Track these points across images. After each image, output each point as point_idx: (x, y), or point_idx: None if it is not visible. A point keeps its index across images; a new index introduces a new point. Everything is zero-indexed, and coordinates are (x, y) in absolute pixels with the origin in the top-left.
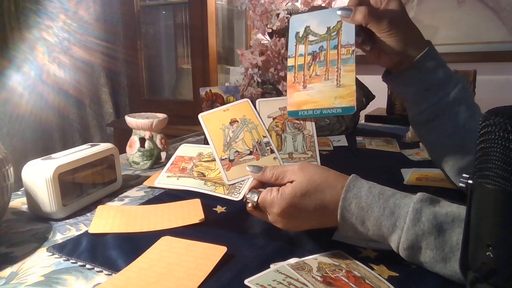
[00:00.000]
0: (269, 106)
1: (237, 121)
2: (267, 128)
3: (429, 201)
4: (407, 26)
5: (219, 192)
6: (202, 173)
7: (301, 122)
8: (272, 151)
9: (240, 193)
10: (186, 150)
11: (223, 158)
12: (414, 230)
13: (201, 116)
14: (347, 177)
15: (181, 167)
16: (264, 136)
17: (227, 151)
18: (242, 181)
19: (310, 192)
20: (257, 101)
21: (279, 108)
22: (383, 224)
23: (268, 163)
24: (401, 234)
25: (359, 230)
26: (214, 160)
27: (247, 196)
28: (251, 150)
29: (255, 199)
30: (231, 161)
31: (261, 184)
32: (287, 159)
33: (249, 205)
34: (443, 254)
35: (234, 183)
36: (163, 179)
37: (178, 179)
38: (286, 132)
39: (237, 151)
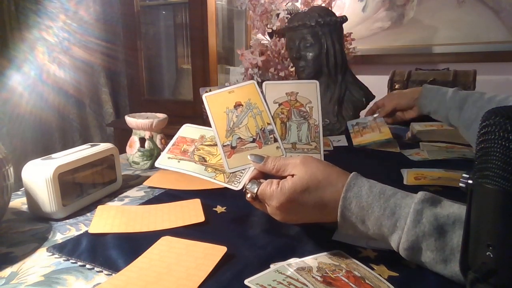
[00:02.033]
0: (276, 90)
1: (242, 105)
2: (272, 114)
3: (431, 201)
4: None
5: (219, 180)
6: (203, 157)
7: (308, 110)
8: (275, 140)
9: (240, 182)
10: (188, 131)
11: (225, 144)
12: (414, 231)
13: (205, 97)
14: (349, 175)
15: (182, 149)
16: (268, 123)
17: (230, 137)
18: (243, 169)
19: (310, 189)
20: (263, 84)
21: (286, 93)
22: (384, 224)
23: (270, 152)
24: (402, 235)
25: (359, 229)
26: (216, 144)
27: (246, 186)
28: (254, 137)
29: (255, 191)
30: (233, 148)
31: (262, 174)
32: (290, 149)
33: (248, 195)
34: (443, 255)
35: (235, 172)
36: (164, 160)
37: (179, 161)
38: (291, 120)
39: (240, 137)
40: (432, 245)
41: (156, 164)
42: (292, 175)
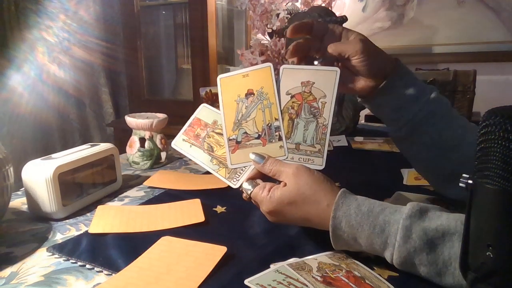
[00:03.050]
0: (292, 78)
1: (253, 94)
2: (281, 108)
3: (419, 215)
4: (375, 50)
5: (221, 174)
6: (211, 146)
7: (320, 106)
8: (280, 138)
9: (238, 180)
10: (204, 112)
11: (231, 138)
12: (405, 247)
13: (219, 79)
14: (337, 193)
15: (196, 133)
16: (276, 119)
17: (236, 130)
18: (244, 167)
19: (296, 203)
20: (281, 68)
21: (301, 83)
22: (375, 242)
23: (273, 151)
24: (393, 252)
25: (352, 245)
26: None
27: (243, 186)
28: (260, 133)
29: (249, 192)
30: (238, 143)
31: (261, 174)
32: (293, 150)
33: (244, 195)
34: (436, 269)
35: (236, 168)
36: (179, 142)
37: (191, 146)
38: (300, 117)
39: (245, 132)
40: (425, 259)
41: (172, 144)
42: (285, 184)
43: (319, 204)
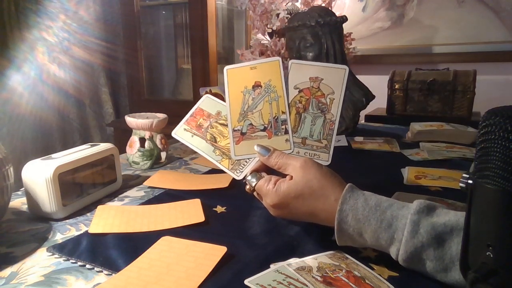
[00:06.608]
0: (300, 73)
1: (261, 86)
2: (289, 102)
3: (427, 211)
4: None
5: (224, 165)
6: (214, 137)
7: (328, 102)
8: (286, 131)
9: (242, 172)
10: (207, 103)
11: (235, 129)
12: (412, 242)
13: (226, 70)
14: (344, 187)
15: (198, 123)
16: (283, 112)
17: (242, 121)
18: (248, 158)
19: (304, 196)
20: (290, 62)
21: (310, 78)
22: (381, 237)
23: (278, 144)
24: (400, 247)
25: (357, 241)
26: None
27: (247, 178)
28: (266, 126)
29: (253, 184)
30: (243, 134)
31: (265, 166)
32: (299, 144)
33: (247, 187)
34: (443, 264)
35: (240, 159)
36: (180, 131)
37: (192, 136)
38: (307, 111)
39: (251, 123)
40: (431, 255)
41: (173, 133)
42: (291, 177)
43: (326, 198)
